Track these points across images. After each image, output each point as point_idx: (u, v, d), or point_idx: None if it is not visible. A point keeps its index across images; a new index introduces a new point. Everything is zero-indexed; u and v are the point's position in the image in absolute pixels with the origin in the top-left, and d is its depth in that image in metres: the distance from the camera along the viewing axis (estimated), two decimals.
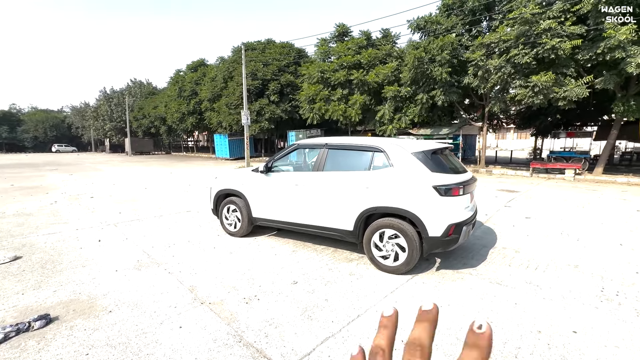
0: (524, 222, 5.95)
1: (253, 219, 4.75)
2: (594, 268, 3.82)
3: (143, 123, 41.01)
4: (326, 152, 4.15)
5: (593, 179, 12.21)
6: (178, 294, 3.14)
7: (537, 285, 3.38)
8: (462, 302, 3.01)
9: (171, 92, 34.92)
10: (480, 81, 13.02)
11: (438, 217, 3.33)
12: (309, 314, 2.81)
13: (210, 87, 26.97)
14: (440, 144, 3.91)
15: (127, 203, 7.78)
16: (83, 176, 14.34)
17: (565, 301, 3.04)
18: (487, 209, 7.00)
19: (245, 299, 3.06)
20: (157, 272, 3.67)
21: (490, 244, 4.68)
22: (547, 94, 10.75)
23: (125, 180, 12.71)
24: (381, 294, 3.18)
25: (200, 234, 5.20)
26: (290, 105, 23.62)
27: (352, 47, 18.97)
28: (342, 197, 3.85)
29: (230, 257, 4.14)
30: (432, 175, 3.42)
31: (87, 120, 52.66)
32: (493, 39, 11.96)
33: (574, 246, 4.61)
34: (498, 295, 3.15)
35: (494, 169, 15.53)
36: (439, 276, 3.59)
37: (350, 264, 3.92)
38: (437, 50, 13.63)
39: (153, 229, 5.46)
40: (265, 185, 4.56)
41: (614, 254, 4.29)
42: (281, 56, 24.96)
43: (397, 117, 17.44)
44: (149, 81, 50.10)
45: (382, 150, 3.72)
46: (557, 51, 10.36)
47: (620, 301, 3.05)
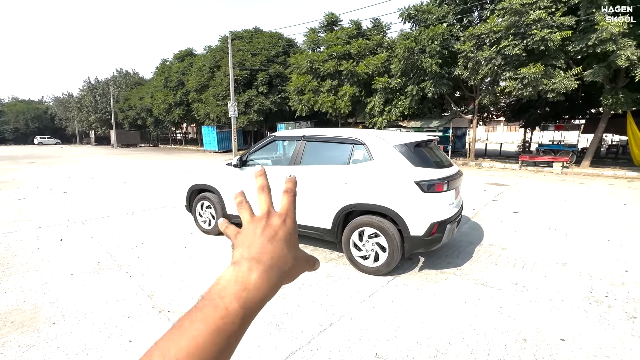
0: (512, 217, 5.80)
1: (228, 216, 4.46)
2: (582, 266, 3.66)
3: (129, 114, 39.86)
4: (304, 144, 3.86)
5: (580, 172, 12.21)
6: (135, 302, 2.85)
7: (524, 286, 3.19)
8: (444, 307, 2.80)
9: (157, 82, 33.88)
10: (471, 73, 12.81)
11: (420, 214, 3.09)
12: (278, 322, 2.56)
13: (197, 77, 26.19)
14: (425, 136, 3.65)
15: (101, 198, 7.38)
16: (61, 169, 13.74)
17: (552, 304, 2.85)
18: (475, 203, 6.83)
19: None
20: (117, 275, 3.36)
21: (476, 241, 4.49)
22: (536, 86, 10.59)
23: (105, 173, 12.20)
24: (358, 298, 2.94)
25: (173, 232, 4.89)
26: (280, 96, 23.10)
27: (341, 37, 18.51)
28: (320, 193, 3.58)
29: (201, 258, 3.86)
30: (414, 169, 3.17)
31: (71, 112, 50.99)
32: (484, 30, 11.71)
33: (561, 242, 4.45)
34: (483, 298, 2.95)
35: (483, 162, 15.46)
36: (421, 277, 3.38)
37: (328, 264, 3.68)
38: (427, 41, 13.33)
39: (123, 227, 5.12)
40: (239, 180, 4.25)
41: (602, 251, 4.14)
42: (270, 46, 24.32)
43: (387, 109, 17.16)
44: (135, 71, 48.59)
45: (363, 142, 3.45)
46: (547, 42, 10.17)
47: (610, 303, 2.88)
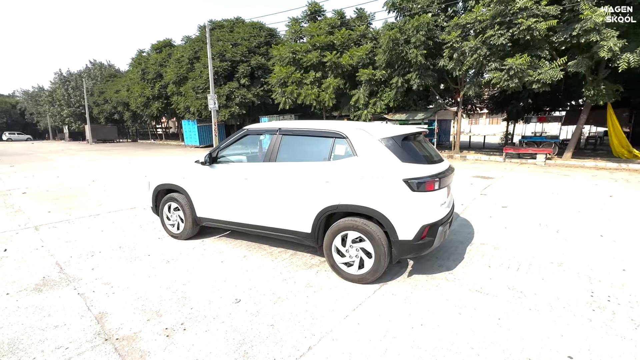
0: (501, 212, 5.59)
1: (198, 219, 4.02)
2: (579, 266, 3.45)
3: (105, 108, 38.08)
4: (279, 138, 3.45)
5: (563, 164, 12.30)
6: (79, 327, 2.41)
7: (521, 291, 2.93)
8: (437, 321, 2.49)
9: (133, 74, 32.37)
10: (456, 64, 12.59)
11: (409, 216, 2.76)
12: (247, 348, 2.18)
13: (175, 68, 25.06)
14: (413, 128, 3.31)
15: (63, 199, 6.75)
16: (26, 168, 12.78)
17: (554, 312, 2.60)
18: (463, 197, 6.62)
19: (168, 329, 2.39)
20: (63, 293, 2.90)
21: (467, 240, 4.23)
22: (522, 77, 10.47)
23: (74, 171, 11.39)
24: (341, 313, 2.60)
25: (138, 237, 4.41)
26: (263, 89, 22.39)
27: (324, 27, 17.97)
28: (298, 193, 3.20)
29: (165, 268, 3.42)
30: (402, 166, 2.83)
31: (42, 106, 48.29)
32: (469, 20, 11.48)
33: (554, 239, 4.25)
34: (478, 308, 2.66)
35: (468, 154, 15.43)
36: (411, 284, 3.06)
37: (309, 272, 3.32)
38: (412, 31, 13.01)
39: (82, 232, 4.59)
40: (209, 179, 3.81)
41: (597, 248, 3.96)
42: (251, 36, 23.47)
43: (372, 102, 16.84)
44: (110, 63, 46.35)
45: (345, 136, 3.07)
46: (533, 32, 10.02)
47: (614, 309, 2.65)
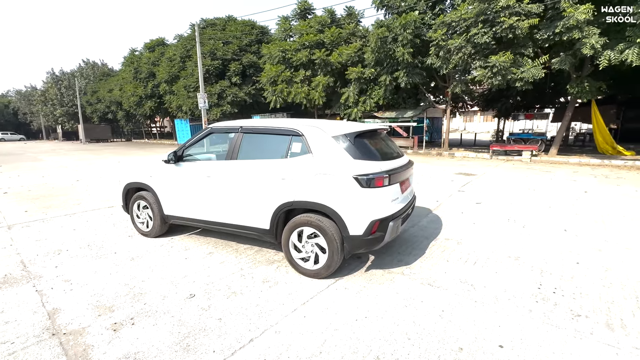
0: (474, 208, 5.67)
1: (166, 217, 4.07)
2: (534, 259, 3.53)
3: (98, 108, 37.90)
4: (241, 136, 3.50)
5: (548, 160, 12.41)
6: (30, 322, 2.46)
7: (472, 284, 3.00)
8: (381, 313, 2.56)
9: (126, 74, 32.21)
10: (442, 62, 12.66)
11: (359, 212, 2.82)
12: (190, 341, 2.24)
13: (167, 67, 24.97)
14: (370, 126, 3.37)
15: (43, 199, 6.77)
16: (14, 168, 12.74)
17: (497, 304, 2.67)
18: (439, 194, 6.69)
19: (117, 324, 2.44)
20: (21, 290, 2.94)
21: (433, 235, 4.31)
22: (505, 74, 10.55)
23: (60, 171, 11.37)
24: (291, 306, 2.66)
25: (109, 235, 4.45)
26: (254, 87, 22.39)
27: (314, 25, 17.98)
28: (257, 191, 3.25)
29: (129, 265, 3.47)
30: (353, 163, 2.88)
31: (35, 106, 48.00)
32: (454, 18, 11.54)
33: (518, 234, 4.33)
34: (426, 301, 2.73)
35: (457, 151, 15.52)
36: (366, 278, 3.13)
37: (269, 267, 3.38)
38: (399, 29, 13.06)
39: (54, 231, 4.63)
40: (175, 177, 3.86)
41: (557, 242, 4.04)
42: (243, 34, 23.44)
43: (362, 100, 16.89)
44: (103, 62, 46.12)
45: (301, 133, 3.13)
46: (515, 30, 10.10)
47: (557, 300, 2.73)
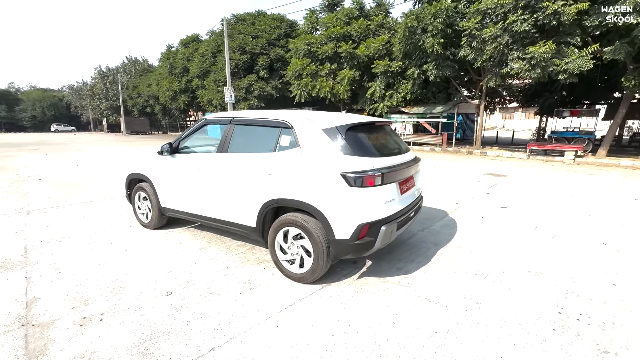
0: (498, 212, 5.12)
1: (162, 210, 4.02)
2: (560, 277, 3.03)
3: (138, 102, 40.08)
4: (232, 128, 3.33)
5: (595, 162, 11.15)
6: (6, 310, 2.45)
7: (477, 302, 2.61)
8: (364, 329, 2.26)
9: (162, 69, 33.69)
10: (476, 53, 11.76)
11: (345, 214, 2.52)
12: (149, 345, 2.10)
13: (199, 62, 25.72)
14: (369, 118, 3.04)
15: (68, 187, 7.12)
16: (55, 157, 13.73)
17: (504, 329, 2.27)
18: (460, 196, 6.15)
19: (86, 319, 2.36)
20: (13, 276, 2.99)
21: (443, 242, 3.89)
22: (545, 66, 9.53)
23: (94, 160, 12.06)
24: (266, 313, 2.45)
25: (113, 225, 4.50)
26: (281, 81, 22.38)
27: (341, 17, 17.54)
28: (244, 185, 3.06)
29: (119, 257, 3.44)
30: (343, 158, 2.59)
31: (84, 100, 51.86)
32: (490, 4, 10.61)
33: (545, 245, 3.79)
34: (418, 318, 2.39)
35: (490, 150, 14.47)
36: (356, 287, 2.84)
37: (256, 268, 3.19)
38: (429, 19, 12.30)
39: (65, 218, 4.78)
40: (170, 169, 3.78)
41: (592, 257, 3.47)
42: (271, 28, 23.48)
43: (389, 94, 16.28)
44: (144, 58, 48.67)
45: (290, 125, 2.88)
46: (560, 16, 9.05)
47: (580, 330, 2.27)
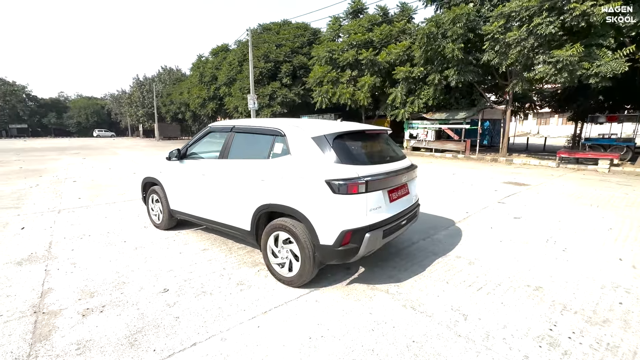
0: (509, 223, 4.92)
1: (172, 212, 4.27)
2: (560, 292, 2.88)
3: (171, 109, 42.31)
4: (232, 136, 3.50)
5: (632, 171, 10.34)
6: (24, 298, 2.74)
7: (464, 314, 2.55)
8: (341, 334, 2.30)
9: (193, 78, 35.42)
10: (500, 57, 11.37)
11: (329, 220, 2.58)
12: (139, 337, 2.26)
13: (226, 71, 26.81)
14: (357, 126, 3.09)
15: (97, 188, 7.69)
16: (93, 159, 14.85)
17: (485, 342, 2.22)
18: (472, 205, 5.97)
19: (88, 310, 2.59)
20: (34, 269, 3.32)
21: (443, 251, 3.81)
22: (573, 70, 9.02)
23: (126, 164, 12.91)
24: (251, 313, 2.55)
25: (129, 224, 4.84)
26: (304, 88, 22.80)
27: (364, 24, 17.63)
28: (240, 190, 3.21)
29: (130, 254, 3.70)
30: (329, 166, 2.66)
31: (123, 107, 55.60)
32: (514, 7, 10.26)
33: (553, 259, 3.61)
34: (398, 327, 2.39)
35: (516, 157, 13.84)
36: (344, 293, 2.87)
37: (250, 270, 3.31)
38: (448, 24, 12.08)
39: (89, 218, 5.19)
40: (178, 174, 4.03)
41: (604, 273, 3.26)
42: (295, 37, 24.05)
43: (410, 100, 16.08)
44: (178, 67, 51.52)
45: (283, 133, 3.00)
46: (590, 18, 8.58)
47: (569, 349, 2.17)
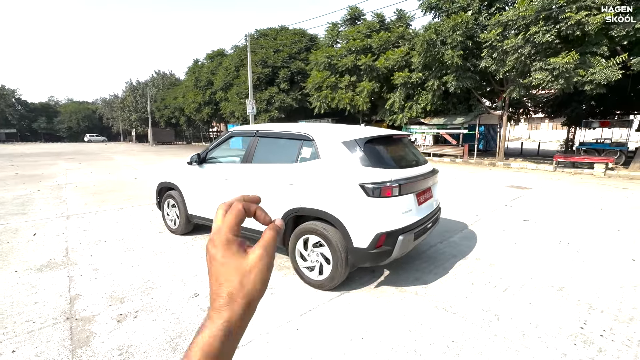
0: (520, 226, 5.03)
1: (190, 216, 4.26)
2: (583, 292, 2.97)
3: (165, 113, 41.97)
4: (256, 140, 3.53)
5: (627, 175, 10.64)
6: (52, 305, 2.70)
7: (496, 314, 2.61)
8: (381, 336, 2.33)
9: (188, 82, 35.27)
10: (497, 64, 11.66)
11: (364, 223, 2.63)
12: (180, 341, 2.26)
13: (223, 76, 26.80)
14: (386, 132, 3.16)
15: (101, 194, 7.60)
16: (89, 165, 14.62)
17: (522, 342, 2.27)
18: (481, 208, 6.08)
19: (122, 315, 2.57)
20: (57, 275, 3.27)
21: (462, 254, 3.88)
22: (569, 77, 9.31)
23: (124, 170, 12.76)
24: (287, 317, 2.56)
25: (144, 230, 4.79)
26: (301, 93, 22.91)
27: (362, 30, 17.87)
28: (267, 194, 3.23)
29: (151, 260, 3.68)
30: (362, 170, 2.71)
31: (116, 111, 54.91)
32: (511, 16, 10.56)
33: (569, 260, 3.71)
34: (435, 328, 2.43)
35: (513, 162, 14.11)
36: (374, 295, 2.91)
37: (278, 274, 3.32)
38: (448, 31, 12.35)
39: (100, 223, 5.13)
40: (198, 178, 4.03)
41: (620, 273, 3.37)
42: (292, 42, 24.21)
43: (409, 106, 16.30)
44: (171, 72, 51.21)
45: (311, 138, 3.04)
46: (584, 27, 8.89)
47: (603, 346, 2.24)
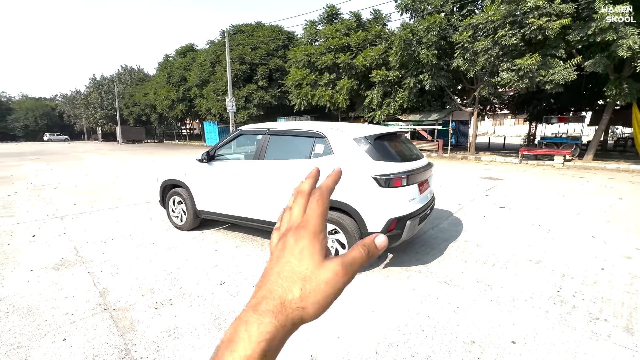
0: (497, 212, 5.62)
1: (198, 212, 4.40)
2: (556, 264, 3.51)
3: (134, 111, 40.21)
4: (268, 138, 3.76)
5: (582, 166, 11.85)
6: (84, 299, 2.82)
7: (489, 284, 3.06)
8: (397, 307, 2.69)
9: (160, 78, 34.01)
10: (469, 64, 12.47)
11: (377, 210, 2.97)
12: (221, 321, 2.49)
13: (198, 72, 26.16)
14: (390, 129, 3.52)
15: (88, 194, 7.42)
16: (61, 166, 13.91)
17: (513, 304, 2.72)
18: (462, 198, 6.66)
19: (158, 303, 2.74)
20: (76, 272, 3.34)
21: (452, 238, 4.35)
22: (532, 77, 10.24)
23: (102, 169, 12.31)
24: None
25: (147, 227, 4.86)
26: (280, 90, 22.96)
27: (340, 29, 18.24)
28: (281, 188, 3.49)
29: (166, 254, 3.81)
30: (373, 163, 3.05)
31: (78, 109, 51.68)
32: (481, 20, 11.35)
33: (542, 239, 4.29)
34: (441, 297, 2.83)
35: (483, 155, 15.14)
36: (383, 275, 3.27)
37: None
38: (423, 32, 13.01)
39: (99, 223, 5.12)
40: (207, 175, 4.19)
41: (583, 248, 3.97)
42: (270, 39, 24.12)
43: (386, 103, 16.92)
44: (140, 67, 48.81)
45: (324, 135, 3.34)
46: (545, 31, 9.79)
47: (576, 303, 2.74)
